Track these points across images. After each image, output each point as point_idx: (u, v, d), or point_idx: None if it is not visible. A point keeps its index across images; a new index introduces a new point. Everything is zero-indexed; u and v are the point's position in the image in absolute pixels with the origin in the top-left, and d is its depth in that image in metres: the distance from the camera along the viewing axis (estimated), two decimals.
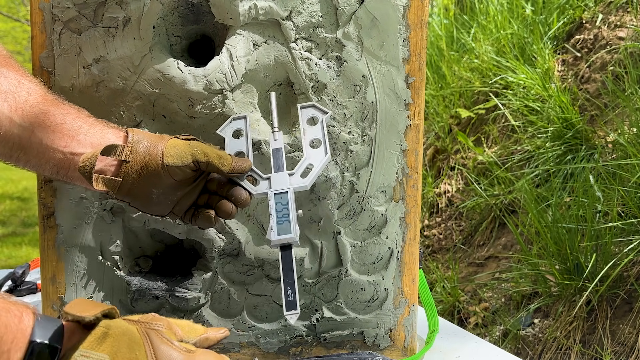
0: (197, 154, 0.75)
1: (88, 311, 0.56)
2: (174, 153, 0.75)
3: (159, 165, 0.74)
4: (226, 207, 0.78)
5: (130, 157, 0.74)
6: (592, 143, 2.33)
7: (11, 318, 0.54)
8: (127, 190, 0.75)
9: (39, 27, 0.87)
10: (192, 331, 0.65)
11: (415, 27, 0.88)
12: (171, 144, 0.76)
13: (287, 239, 0.74)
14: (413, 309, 0.95)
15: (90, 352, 0.55)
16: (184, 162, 0.74)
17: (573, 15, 2.85)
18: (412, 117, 0.90)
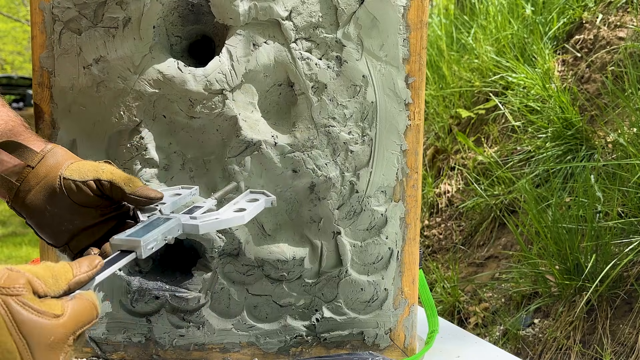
0: (101, 173, 0.69)
1: None
2: (76, 168, 0.70)
3: (57, 177, 0.69)
4: (107, 247, 0.66)
5: (36, 164, 0.69)
6: (592, 143, 2.33)
7: None
8: (22, 201, 0.70)
9: (39, 27, 0.87)
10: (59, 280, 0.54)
11: (415, 27, 0.88)
12: (81, 162, 0.71)
13: (132, 242, 0.60)
14: (413, 309, 0.95)
15: None
16: (82, 178, 0.69)
17: (573, 15, 2.85)
18: (412, 117, 0.90)
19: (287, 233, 0.93)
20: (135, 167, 0.88)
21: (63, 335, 0.52)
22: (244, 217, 0.69)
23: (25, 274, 0.51)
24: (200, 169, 0.90)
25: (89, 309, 0.54)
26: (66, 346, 0.52)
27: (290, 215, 0.93)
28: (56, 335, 0.51)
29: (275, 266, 0.91)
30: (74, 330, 0.53)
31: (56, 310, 0.51)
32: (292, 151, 0.88)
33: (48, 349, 0.51)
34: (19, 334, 0.49)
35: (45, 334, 0.50)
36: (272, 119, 0.91)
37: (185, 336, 0.93)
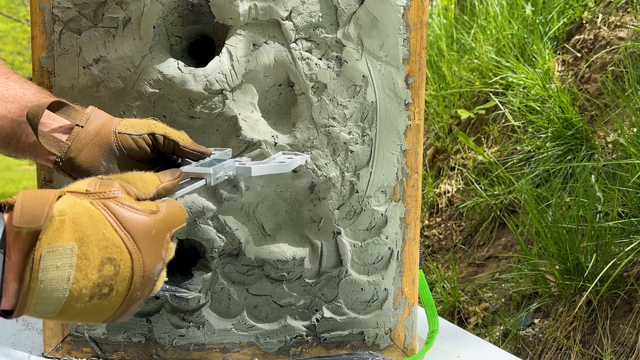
0: (155, 127, 0.71)
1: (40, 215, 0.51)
2: (129, 124, 0.72)
3: (111, 133, 0.70)
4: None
5: (84, 123, 0.71)
6: (592, 143, 2.33)
7: None
8: (73, 161, 0.71)
9: (39, 27, 0.87)
10: (147, 185, 0.58)
11: (415, 27, 0.88)
12: (129, 119, 0.73)
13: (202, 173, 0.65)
14: (413, 309, 0.95)
15: (54, 246, 0.51)
16: (137, 132, 0.71)
17: (573, 15, 2.85)
18: (412, 117, 0.90)
19: (287, 233, 0.93)
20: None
21: (162, 230, 0.56)
22: (289, 165, 0.74)
23: (118, 180, 0.56)
24: None
25: (179, 210, 0.58)
26: (165, 242, 0.57)
27: (291, 215, 0.93)
28: (157, 228, 0.55)
29: (275, 266, 0.91)
30: (170, 227, 0.57)
31: (152, 207, 0.56)
32: (292, 151, 0.88)
33: (151, 241, 0.55)
34: (123, 229, 0.53)
35: (146, 228, 0.54)
36: (272, 119, 0.91)
37: (185, 336, 0.93)
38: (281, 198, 0.92)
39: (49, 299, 0.52)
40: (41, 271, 0.51)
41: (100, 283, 0.53)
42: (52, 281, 0.51)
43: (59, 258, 0.51)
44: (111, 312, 0.55)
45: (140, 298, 0.56)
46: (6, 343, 0.98)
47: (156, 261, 0.56)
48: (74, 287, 0.52)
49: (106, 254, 0.53)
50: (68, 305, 0.53)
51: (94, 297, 0.53)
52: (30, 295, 0.51)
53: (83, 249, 0.52)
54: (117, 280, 0.53)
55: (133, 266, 0.54)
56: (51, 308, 0.53)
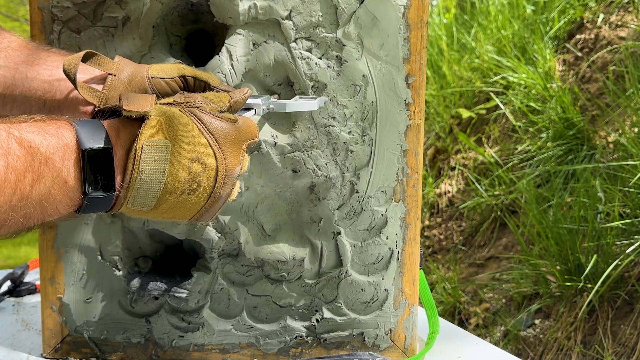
0: (184, 70, 0.75)
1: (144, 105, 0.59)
2: (159, 68, 0.75)
3: (145, 79, 0.73)
4: None
5: (116, 71, 0.73)
6: (593, 143, 2.32)
7: (50, 138, 0.54)
8: None
9: (39, 26, 0.87)
10: (221, 101, 0.66)
11: (415, 27, 0.88)
12: (158, 64, 0.76)
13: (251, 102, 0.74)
14: (413, 310, 0.95)
15: (152, 141, 0.58)
16: (169, 75, 0.74)
17: (574, 15, 2.85)
18: (413, 117, 0.90)
19: (287, 233, 0.92)
20: None
21: (240, 137, 0.64)
22: (314, 105, 0.81)
23: (198, 95, 0.65)
24: None
25: (253, 125, 0.67)
26: (242, 150, 0.65)
27: (290, 216, 0.92)
28: (236, 134, 0.63)
29: (275, 267, 0.91)
30: (246, 136, 0.65)
31: (231, 117, 0.64)
32: (292, 151, 0.88)
33: (232, 144, 0.63)
34: (208, 132, 0.61)
35: (228, 132, 0.63)
36: (272, 119, 0.90)
37: (185, 337, 0.92)
38: (281, 198, 0.91)
39: (147, 190, 0.58)
40: (142, 162, 0.57)
41: (190, 179, 0.59)
42: (151, 172, 0.58)
43: (156, 152, 0.58)
44: (197, 208, 0.62)
45: (221, 197, 0.63)
46: (5, 344, 0.98)
47: (235, 163, 0.63)
48: (168, 180, 0.58)
49: (195, 153, 0.59)
50: (162, 199, 0.59)
51: (185, 192, 0.60)
52: (132, 186, 0.57)
53: (176, 147, 0.58)
54: (204, 177, 0.60)
55: (217, 165, 0.61)
56: (148, 200, 0.59)
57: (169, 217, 0.63)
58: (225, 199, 0.64)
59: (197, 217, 0.64)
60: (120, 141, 0.58)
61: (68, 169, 0.54)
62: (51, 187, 0.53)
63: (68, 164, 0.54)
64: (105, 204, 0.57)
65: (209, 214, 0.64)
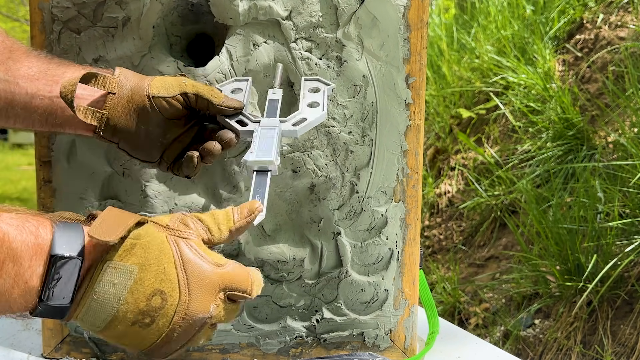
0: (185, 86, 0.73)
1: (113, 231, 0.55)
2: (160, 85, 0.72)
3: (145, 97, 0.71)
4: (209, 145, 0.73)
5: (116, 89, 0.71)
6: (593, 143, 2.32)
7: (27, 235, 0.52)
8: (113, 128, 0.72)
9: (39, 26, 0.87)
10: (220, 229, 0.61)
11: (415, 27, 0.88)
12: (159, 78, 0.74)
13: (264, 161, 0.68)
14: (413, 310, 0.95)
15: (118, 264, 0.55)
16: (170, 93, 0.72)
17: (574, 15, 2.85)
18: (413, 117, 0.90)
19: (287, 234, 0.92)
20: (135, 167, 0.88)
21: (217, 284, 0.58)
22: (324, 115, 0.77)
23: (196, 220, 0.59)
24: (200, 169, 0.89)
25: (245, 278, 0.59)
26: (217, 298, 0.58)
27: (290, 216, 0.92)
28: (212, 280, 0.57)
29: (275, 267, 0.91)
30: (227, 285, 0.58)
31: (219, 261, 0.58)
32: (292, 151, 0.88)
33: (202, 290, 0.57)
34: (183, 269, 0.56)
35: (204, 275, 0.57)
36: None
37: None
38: (281, 198, 0.91)
39: (98, 312, 0.55)
40: (98, 283, 0.54)
41: (145, 312, 0.55)
42: (105, 295, 0.54)
43: (118, 276, 0.55)
44: (148, 344, 0.57)
45: (177, 340, 0.57)
46: (5, 344, 0.98)
47: (201, 309, 0.57)
48: (121, 307, 0.55)
49: (159, 286, 0.55)
50: (112, 324, 0.55)
51: (136, 323, 0.55)
52: (82, 303, 0.55)
53: (141, 275, 0.55)
54: (160, 314, 0.55)
55: (178, 305, 0.56)
56: (97, 322, 0.56)
57: (118, 343, 0.58)
58: (185, 344, 0.59)
59: (147, 352, 0.59)
60: (94, 253, 0.55)
61: (33, 270, 0.52)
62: (11, 285, 0.51)
63: (35, 264, 0.52)
64: (60, 313, 0.55)
65: (160, 352, 0.58)
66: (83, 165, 0.88)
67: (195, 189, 0.90)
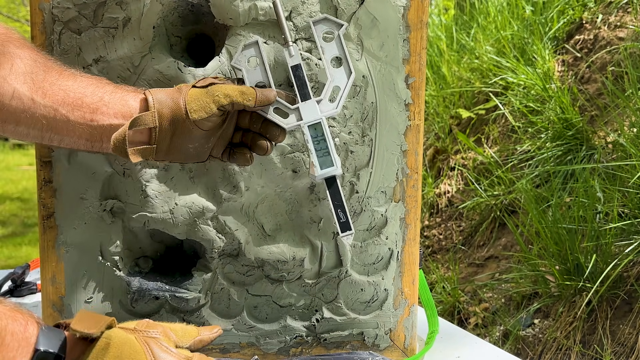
0: (220, 99, 0.75)
1: (93, 327, 0.59)
2: (197, 107, 0.75)
3: (187, 123, 0.75)
4: (262, 144, 0.79)
5: (157, 122, 0.74)
6: (592, 143, 2.33)
7: (17, 326, 0.56)
8: (164, 153, 0.77)
9: (39, 27, 0.87)
10: (186, 335, 0.67)
11: (415, 28, 0.88)
12: (191, 96, 0.75)
13: (330, 172, 0.75)
14: (413, 310, 0.95)
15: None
16: (209, 113, 0.75)
17: (573, 15, 2.85)
18: (412, 117, 0.90)
19: (287, 233, 0.93)
20: (135, 167, 0.88)
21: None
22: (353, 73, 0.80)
23: (162, 325, 0.65)
24: (200, 170, 0.90)
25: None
26: None
27: (290, 216, 0.93)
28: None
29: (275, 266, 0.91)
30: None
31: (187, 355, 0.63)
32: (292, 151, 0.88)
33: None
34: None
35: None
36: None
37: None
38: (281, 198, 0.92)
39: None
40: None
41: None
42: None
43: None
44: None
45: None
46: None
47: None
48: None
49: None
50: None
51: None
52: None
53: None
54: None
55: None
56: None
57: None
58: None
59: None
60: (74, 351, 0.59)
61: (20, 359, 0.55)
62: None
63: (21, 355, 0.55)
64: None
65: None
66: (84, 166, 0.89)
67: (195, 189, 0.90)
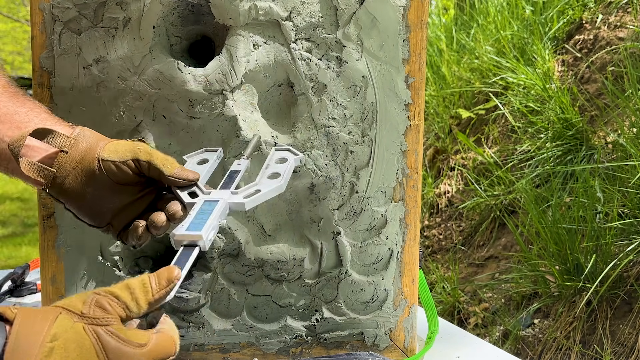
0: (139, 153, 0.70)
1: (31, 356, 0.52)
2: (113, 149, 0.70)
3: (95, 160, 0.69)
4: (156, 217, 0.69)
5: (69, 148, 0.69)
6: (592, 143, 2.33)
7: None
8: (60, 186, 0.70)
9: (39, 27, 0.87)
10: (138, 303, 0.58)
11: (415, 28, 0.88)
12: (116, 142, 0.71)
13: (194, 236, 0.63)
14: (413, 310, 0.95)
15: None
16: (121, 158, 0.69)
17: (573, 15, 2.85)
18: (412, 117, 0.90)
19: (287, 233, 0.93)
20: None
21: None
22: (282, 187, 0.71)
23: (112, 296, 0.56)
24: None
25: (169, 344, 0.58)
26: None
27: (290, 216, 0.93)
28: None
29: (275, 266, 0.91)
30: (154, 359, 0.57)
31: (141, 340, 0.56)
32: None
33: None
34: None
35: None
36: (272, 120, 0.91)
37: (185, 336, 0.93)
38: (281, 198, 0.92)
39: None
40: None
41: None
42: None
43: None
44: None
45: None
46: None
47: None
48: None
49: None
50: None
51: None
52: None
53: None
54: None
55: None
56: None
57: None
58: None
59: None
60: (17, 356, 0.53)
61: None
62: None
63: None
64: None
65: None
66: None
67: None
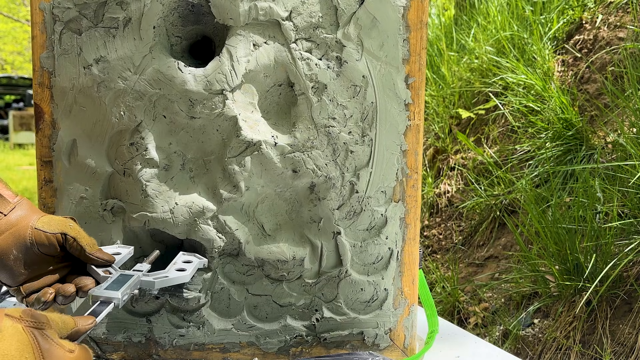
0: (69, 229, 0.76)
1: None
2: (47, 221, 0.76)
3: (28, 227, 0.75)
4: (67, 288, 0.76)
5: (8, 212, 0.75)
6: (592, 143, 2.33)
7: None
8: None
9: (40, 27, 0.87)
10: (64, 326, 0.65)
11: (415, 28, 0.88)
12: (49, 216, 0.77)
13: (111, 295, 0.73)
14: (413, 309, 0.95)
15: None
16: (51, 230, 0.75)
17: (573, 15, 2.85)
18: (412, 117, 0.90)
19: (287, 233, 0.93)
20: (135, 167, 0.88)
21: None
22: (187, 276, 0.84)
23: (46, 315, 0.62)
24: (201, 169, 0.90)
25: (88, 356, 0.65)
26: None
27: (290, 216, 0.93)
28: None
29: (275, 266, 0.91)
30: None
31: (71, 347, 0.62)
32: (292, 151, 0.88)
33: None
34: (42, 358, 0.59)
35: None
36: (272, 119, 0.91)
37: (186, 336, 0.93)
38: (281, 198, 0.92)
39: None
40: None
41: None
42: None
43: None
44: None
45: None
46: None
47: None
48: None
49: None
50: None
51: None
52: None
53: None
54: None
55: None
56: None
57: None
58: None
59: None
60: None
61: None
62: None
63: None
64: None
65: None
66: (84, 165, 0.89)
67: (195, 189, 0.90)
